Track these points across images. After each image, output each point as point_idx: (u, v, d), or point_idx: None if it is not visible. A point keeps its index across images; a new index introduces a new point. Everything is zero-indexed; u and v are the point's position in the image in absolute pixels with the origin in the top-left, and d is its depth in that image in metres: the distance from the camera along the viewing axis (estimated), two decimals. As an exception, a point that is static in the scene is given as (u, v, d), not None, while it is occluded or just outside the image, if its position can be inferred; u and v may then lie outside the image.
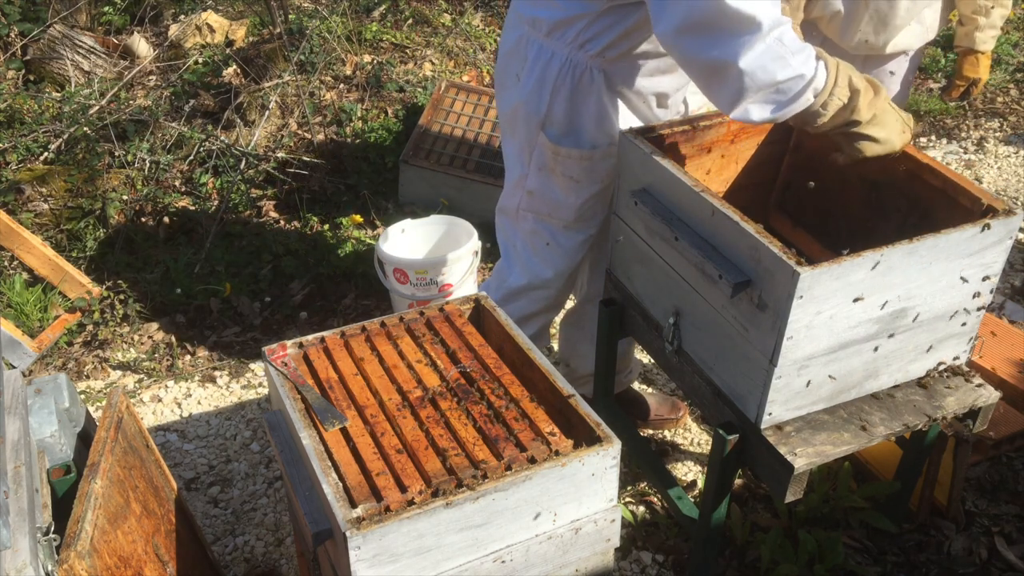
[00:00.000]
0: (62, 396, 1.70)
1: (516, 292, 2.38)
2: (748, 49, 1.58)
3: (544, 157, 2.16)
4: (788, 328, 1.65)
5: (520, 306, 2.39)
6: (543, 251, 2.31)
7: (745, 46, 1.57)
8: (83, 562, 1.39)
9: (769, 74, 1.59)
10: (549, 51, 2.02)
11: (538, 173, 2.20)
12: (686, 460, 2.68)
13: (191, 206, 3.78)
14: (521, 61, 2.10)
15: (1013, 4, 2.93)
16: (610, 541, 1.67)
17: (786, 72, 1.60)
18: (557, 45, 2.01)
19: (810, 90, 1.65)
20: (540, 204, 2.24)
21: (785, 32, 1.59)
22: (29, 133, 4.03)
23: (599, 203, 2.24)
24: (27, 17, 4.76)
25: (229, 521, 2.51)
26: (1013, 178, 4.25)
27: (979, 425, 1.97)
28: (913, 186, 2.00)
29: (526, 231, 2.32)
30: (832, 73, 1.66)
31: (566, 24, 1.97)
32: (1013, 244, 1.80)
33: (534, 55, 2.06)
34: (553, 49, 2.02)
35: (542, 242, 2.30)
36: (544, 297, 2.38)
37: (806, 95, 1.66)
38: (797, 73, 1.61)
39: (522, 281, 2.35)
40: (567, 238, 2.29)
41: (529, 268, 2.34)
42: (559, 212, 2.24)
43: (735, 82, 1.62)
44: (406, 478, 1.51)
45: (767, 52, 1.58)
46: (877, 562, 2.32)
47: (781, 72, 1.59)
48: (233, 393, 2.97)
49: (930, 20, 2.80)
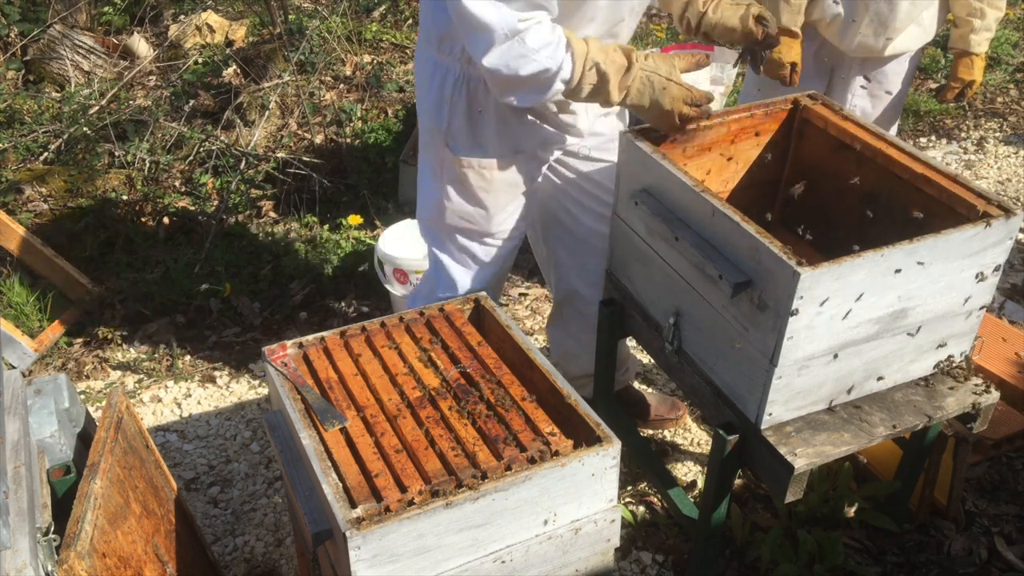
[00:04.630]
0: (62, 396, 1.70)
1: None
2: (489, 51, 1.76)
3: (453, 171, 2.16)
4: (788, 328, 1.65)
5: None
6: (467, 263, 2.31)
7: (486, 49, 1.76)
8: (83, 562, 1.39)
9: (512, 71, 1.77)
10: (444, 66, 2.04)
11: (450, 187, 2.20)
12: (686, 460, 2.68)
13: (191, 206, 3.78)
14: (423, 77, 2.12)
15: (1009, 5, 2.93)
16: (610, 541, 1.67)
17: (529, 68, 1.77)
18: (448, 60, 2.02)
19: (558, 81, 1.81)
20: (456, 218, 2.24)
21: (528, 32, 1.74)
22: (29, 133, 4.03)
23: (516, 212, 2.24)
24: (27, 17, 4.76)
25: (229, 521, 2.51)
26: (1013, 178, 4.25)
27: (979, 425, 1.97)
28: (910, 196, 2.00)
29: (448, 243, 2.31)
30: (579, 63, 1.80)
31: (450, 38, 1.99)
32: (1013, 244, 1.80)
33: (430, 71, 2.07)
34: (446, 64, 2.03)
35: (464, 255, 2.30)
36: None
37: (556, 85, 1.82)
38: (542, 68, 1.77)
39: (448, 294, 2.34)
40: (486, 251, 2.29)
41: (454, 280, 2.33)
42: (476, 224, 2.23)
43: (489, 77, 1.83)
44: (406, 478, 1.51)
45: (508, 52, 1.75)
46: (877, 562, 2.32)
47: (524, 69, 1.77)
48: (233, 393, 2.97)
49: (928, 22, 2.80)
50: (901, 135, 4.46)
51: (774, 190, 2.39)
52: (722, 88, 4.06)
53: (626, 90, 1.87)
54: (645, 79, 1.88)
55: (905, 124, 4.63)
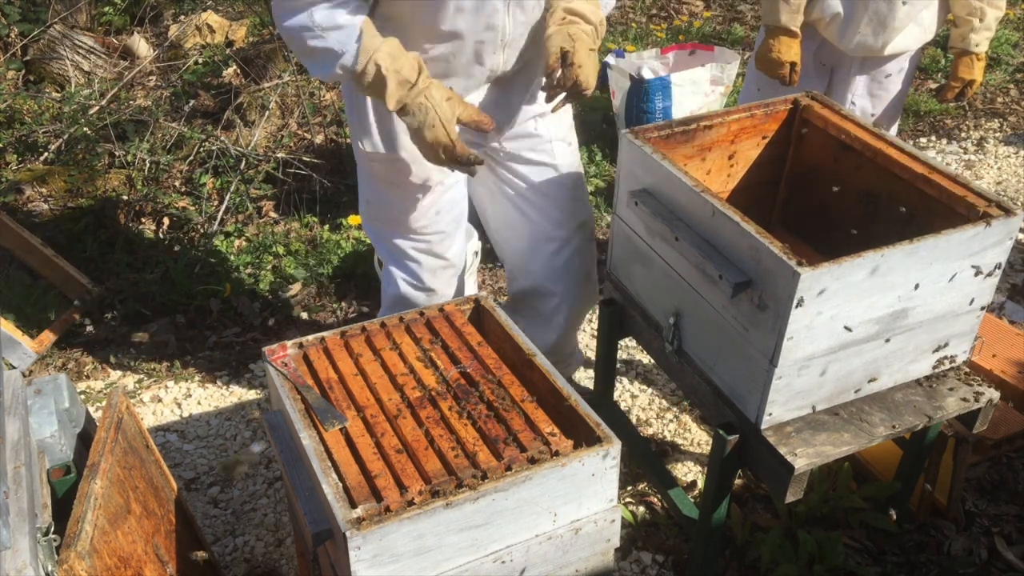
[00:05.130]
0: (62, 396, 1.70)
1: (396, 301, 2.39)
2: (286, 19, 1.84)
3: (367, 167, 2.21)
4: (788, 328, 1.65)
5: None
6: (404, 261, 2.34)
7: (285, 16, 1.84)
8: (83, 562, 1.39)
9: (300, 43, 1.85)
10: None
11: (367, 183, 2.25)
12: (686, 460, 2.68)
13: (191, 206, 3.78)
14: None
15: (1009, 5, 2.93)
16: (610, 541, 1.67)
17: (315, 42, 1.83)
18: None
19: (338, 66, 1.85)
20: (380, 214, 2.27)
21: (318, 10, 1.80)
22: (29, 133, 4.03)
23: (433, 206, 2.25)
24: (27, 17, 4.76)
25: (229, 521, 2.51)
26: (1013, 178, 4.25)
27: (979, 425, 1.97)
28: (910, 196, 2.00)
29: (382, 243, 2.35)
30: (363, 57, 1.83)
31: None
32: (1013, 244, 1.80)
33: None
34: None
35: (398, 253, 2.33)
36: (425, 300, 2.39)
37: (336, 68, 1.86)
38: (326, 46, 1.83)
39: (398, 291, 2.36)
40: (415, 246, 2.31)
41: (395, 279, 2.34)
42: (399, 219, 2.26)
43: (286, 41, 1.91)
44: (406, 478, 1.51)
45: (300, 24, 1.82)
46: (877, 562, 2.32)
47: (310, 41, 1.83)
48: (233, 393, 2.97)
49: (928, 21, 2.80)
50: (901, 135, 4.46)
51: (774, 190, 2.39)
52: (722, 88, 4.06)
53: (403, 105, 1.88)
54: (422, 105, 1.88)
55: (905, 124, 4.63)
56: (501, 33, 1.98)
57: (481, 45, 1.98)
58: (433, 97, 1.88)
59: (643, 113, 3.96)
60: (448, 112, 1.89)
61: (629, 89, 3.98)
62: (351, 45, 1.82)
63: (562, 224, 2.35)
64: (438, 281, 2.37)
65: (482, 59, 2.02)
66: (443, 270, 2.38)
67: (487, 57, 2.02)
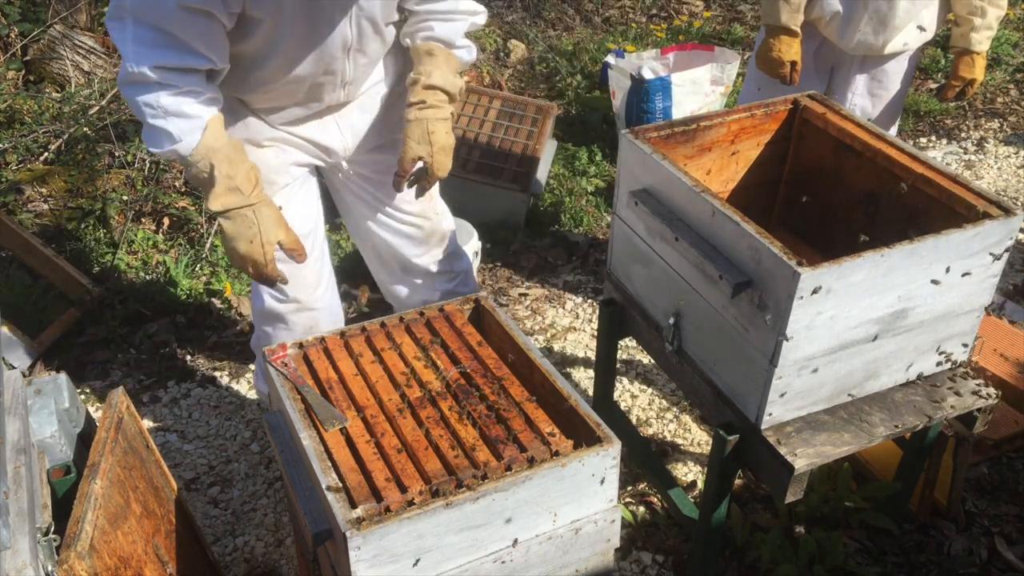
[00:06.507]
0: (62, 396, 1.70)
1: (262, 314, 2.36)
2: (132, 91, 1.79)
3: None
4: (788, 328, 1.65)
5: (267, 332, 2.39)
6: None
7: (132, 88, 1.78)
8: (83, 562, 1.39)
9: (140, 114, 1.81)
10: None
11: None
12: (686, 460, 2.68)
13: (191, 206, 3.77)
14: None
15: (1010, 5, 2.93)
16: (610, 541, 1.67)
17: (157, 122, 1.79)
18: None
19: (170, 150, 1.82)
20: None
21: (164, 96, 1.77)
22: (29, 133, 4.03)
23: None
24: (27, 17, 4.75)
25: (229, 521, 2.51)
26: (1013, 178, 4.25)
27: (979, 425, 1.97)
28: (910, 197, 2.00)
29: None
30: (197, 154, 1.82)
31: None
32: (1013, 244, 1.80)
33: None
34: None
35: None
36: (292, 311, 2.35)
37: (166, 149, 1.83)
38: (166, 129, 1.80)
39: (263, 304, 2.33)
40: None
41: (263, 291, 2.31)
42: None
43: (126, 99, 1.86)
44: (406, 478, 1.51)
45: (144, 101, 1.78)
46: (877, 562, 2.31)
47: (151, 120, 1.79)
48: (233, 393, 2.97)
49: (928, 20, 2.80)
50: (901, 135, 4.46)
51: (774, 190, 2.39)
52: (722, 88, 4.06)
53: (227, 210, 1.85)
54: (247, 218, 1.87)
55: (905, 124, 4.63)
56: (341, 76, 2.00)
57: (320, 86, 2.00)
58: (261, 214, 1.87)
59: (643, 113, 3.96)
60: (272, 234, 1.89)
61: (629, 89, 3.98)
62: (191, 136, 1.80)
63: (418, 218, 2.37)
64: (300, 292, 2.31)
65: (320, 96, 2.04)
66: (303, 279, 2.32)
67: (326, 95, 2.05)
